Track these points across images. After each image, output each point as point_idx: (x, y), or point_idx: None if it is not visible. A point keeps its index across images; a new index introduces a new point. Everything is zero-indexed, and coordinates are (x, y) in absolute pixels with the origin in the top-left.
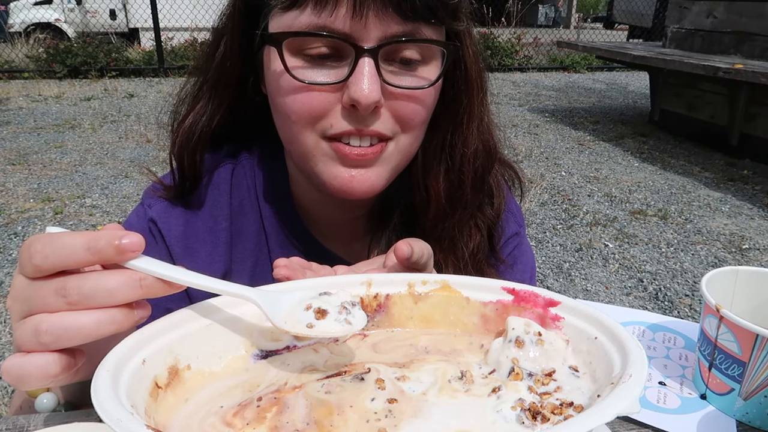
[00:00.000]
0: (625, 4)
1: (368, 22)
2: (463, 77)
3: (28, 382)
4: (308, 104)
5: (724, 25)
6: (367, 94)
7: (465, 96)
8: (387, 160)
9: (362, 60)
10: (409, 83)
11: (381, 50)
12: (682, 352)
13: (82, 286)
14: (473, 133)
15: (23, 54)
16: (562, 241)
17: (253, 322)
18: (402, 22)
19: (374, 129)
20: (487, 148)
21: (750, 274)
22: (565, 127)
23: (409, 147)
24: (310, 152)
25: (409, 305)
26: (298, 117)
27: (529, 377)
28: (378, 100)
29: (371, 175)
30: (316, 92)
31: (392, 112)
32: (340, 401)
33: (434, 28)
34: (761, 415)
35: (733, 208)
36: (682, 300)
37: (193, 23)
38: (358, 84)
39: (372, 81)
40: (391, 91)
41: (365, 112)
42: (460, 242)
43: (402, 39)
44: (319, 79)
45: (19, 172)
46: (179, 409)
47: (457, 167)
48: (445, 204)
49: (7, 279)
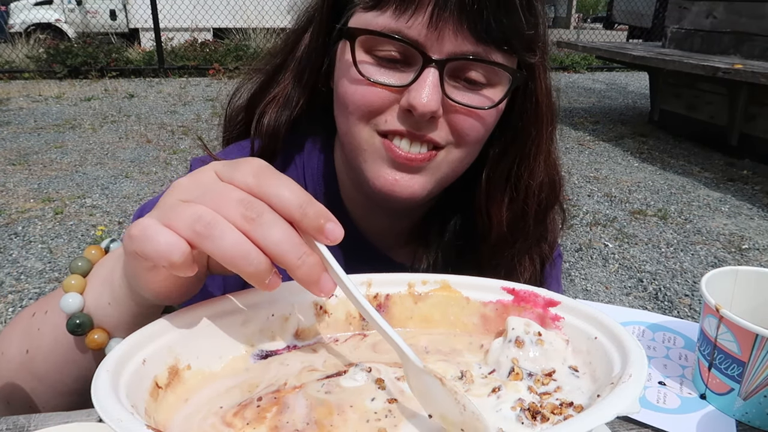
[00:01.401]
0: (625, 5)
1: (442, 35)
2: (533, 109)
3: (146, 248)
4: (368, 98)
5: (724, 26)
6: (426, 102)
7: (534, 128)
8: (434, 170)
9: (428, 69)
10: (470, 101)
11: (448, 64)
12: (681, 352)
13: (265, 214)
14: (540, 165)
15: (24, 54)
16: (561, 241)
17: (254, 322)
18: (474, 42)
19: (428, 136)
20: (552, 181)
21: (749, 274)
22: (564, 127)
23: (459, 161)
24: (362, 146)
25: (409, 305)
26: (356, 108)
27: (529, 377)
28: (434, 110)
29: (415, 182)
30: (378, 89)
31: (450, 125)
32: (340, 401)
33: (506, 55)
34: (761, 415)
35: (733, 208)
36: (682, 300)
37: (193, 23)
38: (418, 91)
39: (433, 91)
40: (451, 105)
41: (421, 119)
42: (516, 272)
43: (470, 57)
44: (383, 79)
45: (20, 172)
46: (179, 409)
47: (521, 198)
48: (506, 233)
49: (8, 279)
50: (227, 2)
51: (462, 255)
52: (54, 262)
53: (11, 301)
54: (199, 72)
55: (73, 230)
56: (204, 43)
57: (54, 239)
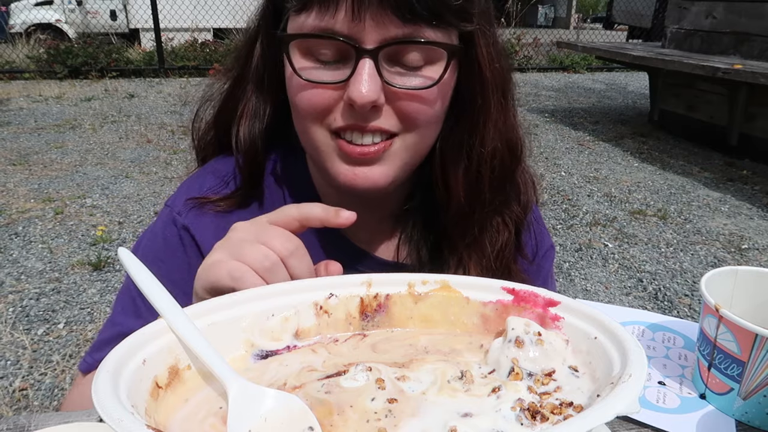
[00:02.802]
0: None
1: (367, 24)
2: (477, 77)
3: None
4: (313, 101)
5: (724, 26)
6: (363, 94)
7: (480, 96)
8: (393, 158)
9: (362, 61)
10: (411, 84)
11: (381, 52)
12: (681, 351)
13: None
14: (490, 132)
15: (24, 54)
16: (561, 241)
17: (254, 322)
18: (401, 24)
19: (375, 125)
20: (508, 147)
21: (749, 274)
22: (564, 128)
23: (417, 145)
24: (319, 147)
25: (409, 305)
26: (306, 113)
27: (529, 377)
28: (374, 100)
29: (374, 173)
30: (320, 89)
31: (396, 111)
32: (340, 401)
33: (439, 29)
34: (760, 415)
35: (733, 208)
36: (682, 300)
37: (193, 24)
38: (355, 84)
39: (369, 81)
40: (394, 91)
41: (362, 110)
42: (484, 239)
43: (400, 41)
44: (324, 78)
45: (20, 173)
46: (179, 409)
47: (474, 167)
48: (464, 203)
49: (8, 279)
50: (227, 2)
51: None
52: (54, 262)
53: (11, 301)
54: (199, 72)
55: (73, 230)
56: (204, 43)
57: (54, 239)
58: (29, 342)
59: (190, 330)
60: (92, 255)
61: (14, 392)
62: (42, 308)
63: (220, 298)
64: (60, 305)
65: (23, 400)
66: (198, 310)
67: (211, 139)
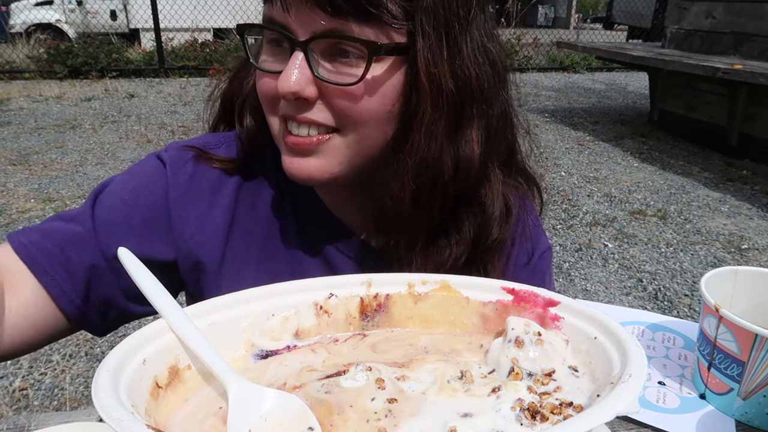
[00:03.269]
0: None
1: (298, 16)
2: (413, 80)
3: None
4: (263, 88)
5: (723, 26)
6: (284, 84)
7: (415, 100)
8: (331, 152)
9: (295, 52)
10: (337, 79)
11: (313, 44)
12: (681, 351)
13: None
14: (419, 141)
15: (24, 54)
16: (561, 241)
17: (254, 321)
18: (328, 18)
19: (307, 116)
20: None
21: (749, 274)
22: (564, 128)
23: (358, 144)
24: (275, 134)
25: (409, 305)
26: (262, 101)
27: (529, 377)
28: (296, 91)
29: (309, 165)
30: (269, 78)
31: (328, 106)
32: (340, 401)
33: (369, 26)
34: (760, 415)
35: (732, 208)
36: (682, 300)
37: (193, 24)
38: (283, 74)
39: (294, 72)
40: (325, 85)
41: (286, 100)
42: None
43: (325, 35)
44: (270, 67)
45: (20, 173)
46: (179, 409)
47: (398, 174)
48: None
49: None
50: (227, 2)
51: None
52: None
53: None
54: (199, 72)
55: None
56: (204, 43)
57: None
58: None
59: (190, 330)
60: None
61: (14, 392)
62: None
63: (220, 297)
64: None
65: (23, 400)
66: (198, 310)
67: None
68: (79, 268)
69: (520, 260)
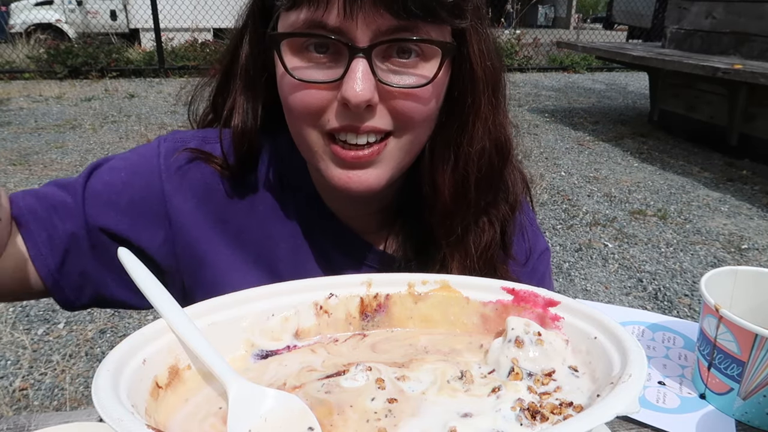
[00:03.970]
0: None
1: (361, 21)
2: (468, 75)
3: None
4: (306, 101)
5: (723, 26)
6: (357, 93)
7: (470, 95)
8: (388, 159)
9: (355, 60)
10: (405, 82)
11: (374, 50)
12: (681, 351)
13: None
14: (479, 131)
15: (24, 54)
16: (561, 241)
17: (254, 321)
18: (395, 21)
19: (369, 125)
20: (496, 147)
21: (749, 274)
22: (564, 128)
23: (411, 144)
24: (313, 149)
25: (409, 305)
26: (299, 113)
27: (529, 377)
28: (368, 100)
29: (369, 176)
30: (314, 90)
31: (389, 110)
32: (340, 401)
33: (433, 26)
34: (760, 415)
35: (732, 208)
36: (682, 300)
37: (193, 24)
38: (349, 83)
39: (364, 81)
40: (388, 89)
41: (356, 110)
42: (468, 240)
43: (394, 39)
44: (316, 77)
45: (20, 173)
46: (179, 409)
47: (461, 166)
48: (449, 202)
49: None
50: (227, 2)
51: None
52: None
53: None
54: (199, 72)
55: None
56: (204, 43)
57: None
58: (29, 342)
59: (190, 330)
60: None
61: (14, 392)
62: (42, 308)
63: (220, 297)
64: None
65: (23, 400)
66: (198, 310)
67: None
68: (61, 234)
69: (518, 260)
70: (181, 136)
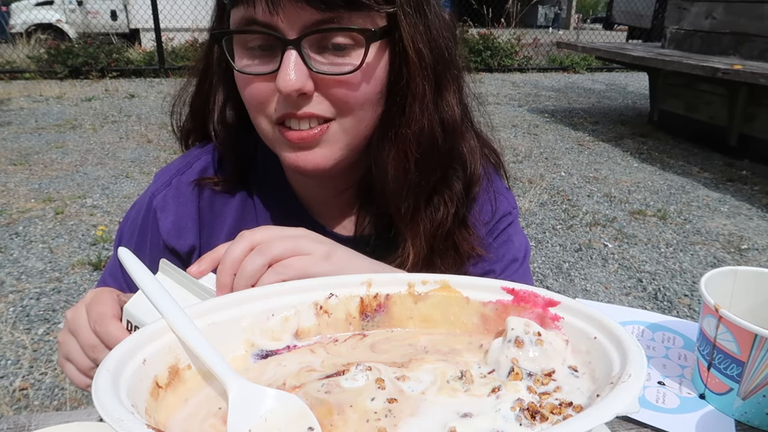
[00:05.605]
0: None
1: (285, 14)
2: (403, 59)
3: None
4: (254, 94)
5: (723, 26)
6: (287, 82)
7: (407, 77)
8: (333, 140)
9: (287, 52)
10: (336, 70)
11: (305, 41)
12: (681, 351)
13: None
14: (416, 113)
15: (24, 54)
16: (561, 242)
17: (254, 321)
18: (317, 12)
19: (307, 111)
20: (442, 127)
21: (749, 275)
22: (564, 128)
23: (355, 128)
24: (268, 137)
25: (409, 305)
26: (250, 105)
27: (529, 377)
28: (298, 89)
29: (316, 156)
30: (257, 82)
31: (326, 96)
32: (339, 401)
33: (359, 13)
34: (760, 415)
35: (732, 208)
36: (681, 300)
37: (193, 24)
38: (280, 74)
39: (293, 71)
40: (321, 77)
41: (289, 99)
42: (419, 217)
43: (317, 30)
44: (258, 70)
45: (20, 173)
46: (179, 409)
47: (400, 146)
48: (392, 181)
49: (9, 279)
50: None
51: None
52: (55, 262)
53: (12, 301)
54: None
55: (73, 230)
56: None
57: (55, 239)
58: (29, 342)
59: (190, 330)
60: (92, 255)
61: (14, 392)
62: (42, 308)
63: (220, 297)
64: (60, 305)
65: (23, 400)
66: (198, 310)
67: (191, 129)
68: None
69: (483, 217)
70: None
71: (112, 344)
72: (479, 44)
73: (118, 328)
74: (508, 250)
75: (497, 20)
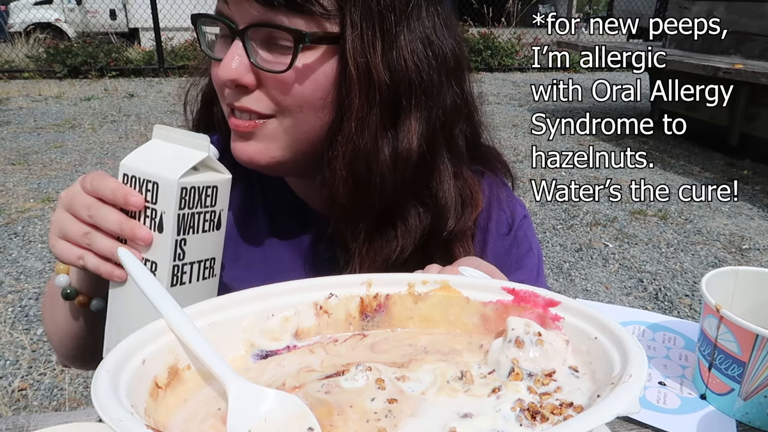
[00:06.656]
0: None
1: (236, 6)
2: (341, 70)
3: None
4: (213, 76)
5: (724, 26)
6: (223, 70)
7: (344, 89)
8: (270, 137)
9: (235, 41)
10: (270, 66)
11: (250, 33)
12: (682, 352)
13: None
14: (351, 131)
15: (23, 54)
16: (562, 241)
17: (254, 321)
18: (261, 9)
19: (245, 105)
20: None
21: (750, 275)
22: (564, 127)
23: (295, 129)
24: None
25: (409, 305)
26: (216, 88)
27: (529, 377)
28: (234, 78)
29: (249, 148)
30: (215, 68)
31: (266, 94)
32: (339, 401)
33: (299, 16)
34: (761, 415)
35: (733, 208)
36: (682, 300)
37: None
38: (223, 61)
39: (233, 60)
40: (262, 74)
41: (223, 89)
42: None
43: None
44: (217, 55)
45: (19, 172)
46: (179, 409)
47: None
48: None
49: (7, 279)
50: None
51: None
52: (54, 261)
53: (11, 301)
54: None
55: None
56: None
57: None
58: (28, 342)
59: (190, 330)
60: None
61: (13, 392)
62: (41, 308)
63: (220, 297)
64: None
65: (22, 400)
66: (198, 310)
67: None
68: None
69: (501, 230)
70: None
71: (109, 197)
72: (479, 44)
73: (114, 180)
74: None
75: (497, 20)
